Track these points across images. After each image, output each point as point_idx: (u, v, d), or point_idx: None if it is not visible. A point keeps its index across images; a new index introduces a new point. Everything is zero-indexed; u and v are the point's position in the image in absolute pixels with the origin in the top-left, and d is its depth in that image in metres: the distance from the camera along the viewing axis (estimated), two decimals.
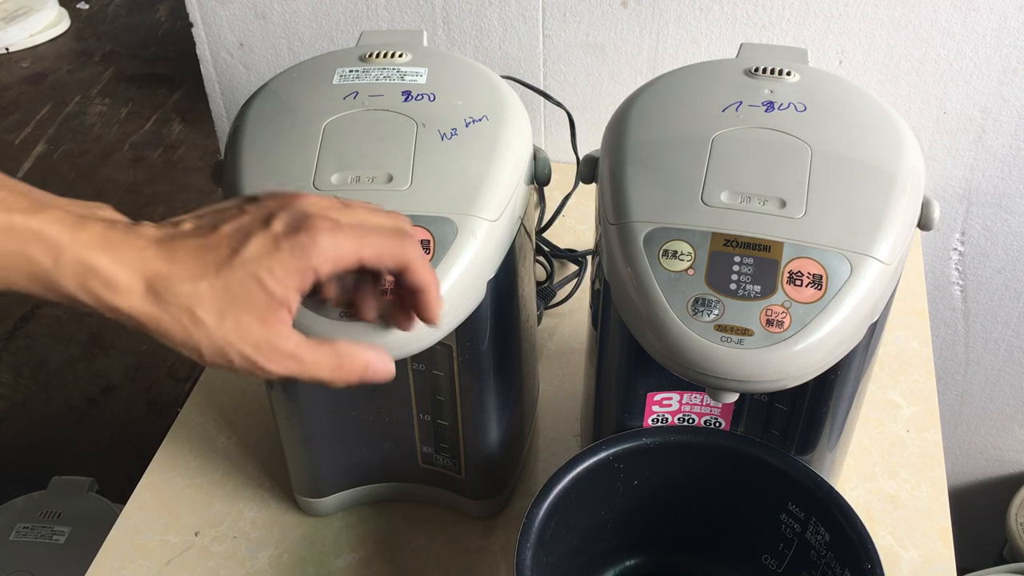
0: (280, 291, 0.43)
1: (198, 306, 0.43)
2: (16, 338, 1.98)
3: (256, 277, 0.43)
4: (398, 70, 0.61)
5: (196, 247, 0.43)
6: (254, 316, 0.43)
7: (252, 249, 0.43)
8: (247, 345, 0.44)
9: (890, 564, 0.68)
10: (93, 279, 0.42)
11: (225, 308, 0.43)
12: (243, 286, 0.43)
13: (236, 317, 0.43)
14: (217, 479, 0.75)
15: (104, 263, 0.42)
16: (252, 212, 0.45)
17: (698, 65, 0.63)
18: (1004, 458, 1.23)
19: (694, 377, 0.51)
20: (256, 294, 0.43)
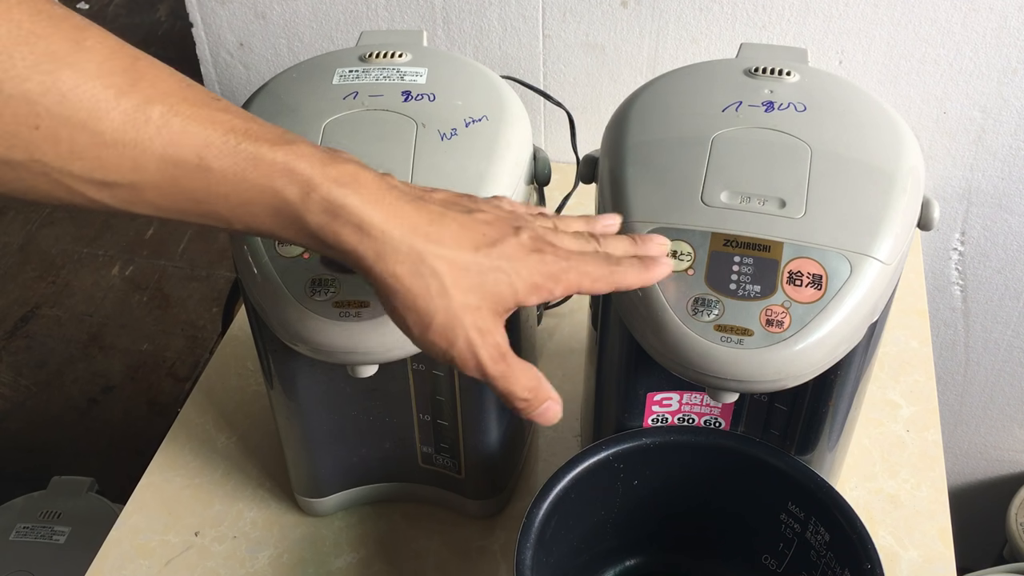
0: (522, 294, 0.44)
1: (449, 275, 0.41)
2: (16, 338, 1.98)
3: (507, 273, 0.43)
4: (398, 70, 0.61)
5: (458, 220, 0.43)
6: (491, 308, 0.43)
7: (508, 248, 0.43)
8: (476, 331, 0.43)
9: (890, 564, 0.68)
10: (343, 219, 0.40)
11: (473, 288, 0.42)
12: (495, 276, 0.43)
13: (479, 302, 0.42)
14: (217, 479, 0.75)
15: (357, 203, 0.40)
16: (495, 214, 0.45)
17: (698, 65, 0.63)
18: (1004, 458, 1.23)
19: (694, 377, 0.51)
20: (502, 288, 0.43)
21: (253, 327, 0.61)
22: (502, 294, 0.43)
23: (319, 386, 0.63)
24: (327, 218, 0.40)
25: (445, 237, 0.42)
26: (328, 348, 0.53)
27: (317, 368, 0.62)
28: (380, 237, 0.40)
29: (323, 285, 0.53)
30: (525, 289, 0.44)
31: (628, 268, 0.48)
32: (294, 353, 0.55)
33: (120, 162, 0.37)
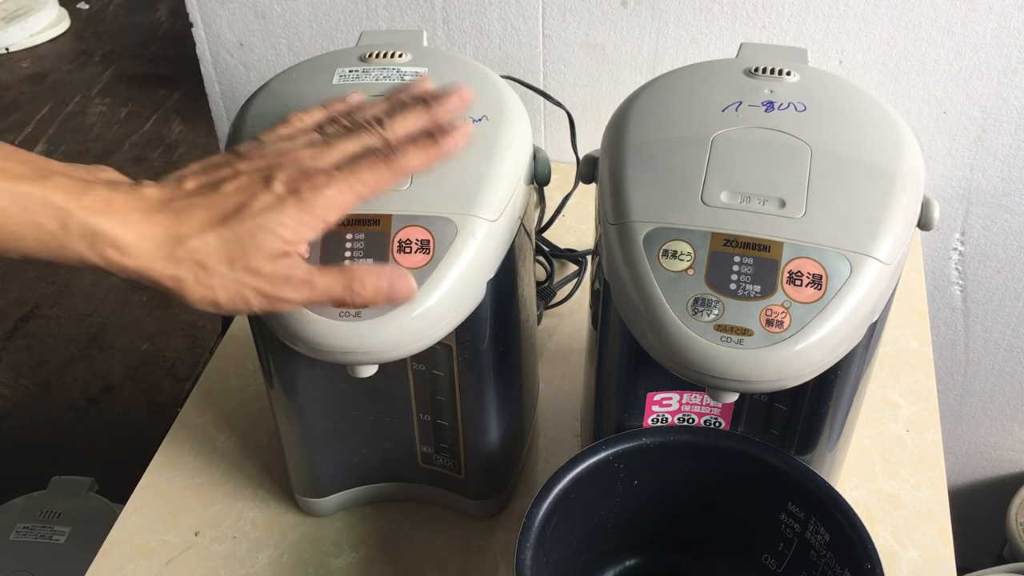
0: (293, 238, 0.46)
1: (208, 256, 0.45)
2: (16, 338, 1.98)
3: (266, 228, 0.46)
4: (398, 70, 0.61)
5: (201, 205, 0.46)
6: (263, 257, 0.46)
7: (258, 204, 0.46)
8: (261, 280, 0.46)
9: (890, 564, 0.68)
10: (102, 242, 0.44)
11: (235, 255, 0.45)
12: (252, 235, 0.45)
13: (245, 261, 0.46)
14: (217, 479, 0.75)
15: (110, 226, 0.44)
16: (248, 172, 0.47)
17: (698, 65, 0.63)
18: (1004, 458, 1.23)
19: (694, 377, 0.51)
20: (266, 239, 0.46)
21: (253, 327, 0.61)
22: (269, 246, 0.46)
23: (319, 386, 0.63)
24: (88, 243, 0.44)
25: (192, 227, 0.45)
26: (328, 348, 0.53)
27: (317, 368, 0.62)
28: (137, 251, 0.44)
29: None
30: (292, 232, 0.46)
31: (412, 154, 0.49)
32: (294, 353, 0.55)
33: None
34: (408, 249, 0.53)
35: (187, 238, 0.45)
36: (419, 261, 0.53)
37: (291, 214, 0.46)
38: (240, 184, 0.47)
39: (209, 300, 0.46)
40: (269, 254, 0.46)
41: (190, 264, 0.45)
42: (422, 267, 0.53)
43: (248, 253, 0.46)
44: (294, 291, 0.47)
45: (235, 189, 0.47)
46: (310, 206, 0.46)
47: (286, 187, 0.46)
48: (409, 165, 0.50)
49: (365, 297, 0.49)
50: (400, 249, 0.53)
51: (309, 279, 0.47)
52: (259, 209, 0.46)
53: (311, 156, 0.49)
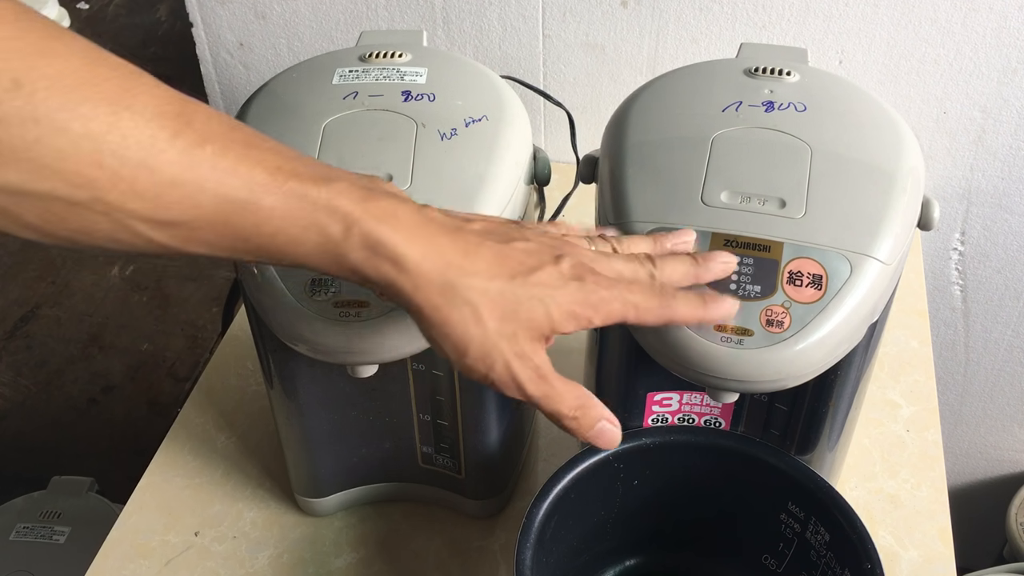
0: (559, 321, 0.44)
1: (484, 306, 0.43)
2: (16, 338, 1.98)
3: (543, 301, 0.44)
4: (398, 70, 0.61)
5: (492, 250, 0.44)
6: (528, 334, 0.44)
7: (545, 275, 0.44)
8: (514, 356, 0.44)
9: (890, 564, 0.68)
10: (382, 254, 0.42)
11: (507, 316, 0.43)
12: (530, 304, 0.44)
13: (514, 328, 0.44)
14: (217, 479, 0.75)
15: (394, 239, 0.42)
16: (537, 241, 0.46)
17: (698, 65, 0.63)
18: (1004, 458, 1.23)
19: (694, 377, 0.51)
20: (538, 315, 0.44)
21: (253, 327, 0.61)
22: (537, 321, 0.44)
23: (319, 386, 0.63)
24: (367, 253, 0.42)
25: (479, 268, 0.43)
26: (328, 348, 0.53)
27: (317, 368, 0.62)
28: (415, 271, 0.42)
29: (323, 285, 0.53)
30: (561, 317, 0.44)
31: (682, 304, 0.48)
32: (294, 353, 0.55)
33: (177, 200, 0.39)
34: None
35: (471, 275, 0.43)
36: None
37: (570, 297, 0.44)
38: (531, 248, 0.45)
39: (461, 348, 0.44)
40: (533, 334, 0.44)
41: (463, 304, 0.43)
42: None
43: (519, 321, 0.44)
44: (534, 384, 0.45)
45: (526, 251, 0.45)
46: (588, 297, 0.45)
47: (572, 270, 0.45)
48: (678, 313, 0.48)
49: (582, 428, 0.46)
50: None
51: (550, 378, 0.45)
52: (544, 280, 0.44)
53: (591, 258, 0.47)
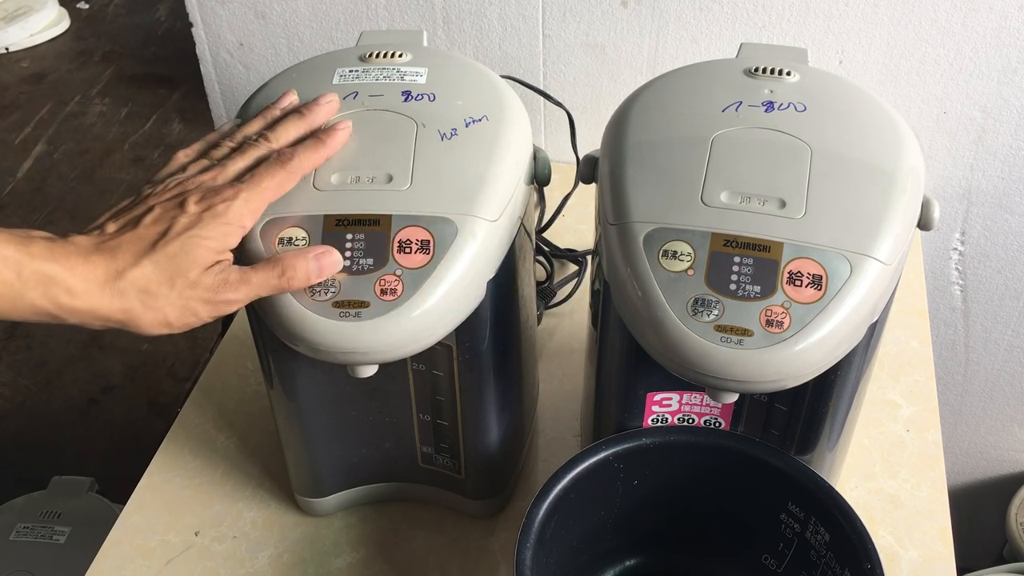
0: (217, 245, 0.50)
1: (149, 282, 0.49)
2: (16, 338, 1.98)
3: (193, 241, 0.49)
4: (398, 70, 0.61)
5: (130, 240, 0.50)
6: (198, 270, 0.50)
7: (179, 226, 0.50)
8: (202, 291, 0.50)
9: (890, 564, 0.68)
10: (54, 287, 0.47)
11: (173, 274, 0.49)
12: (183, 252, 0.49)
13: (184, 276, 0.49)
14: (217, 479, 0.75)
15: (60, 272, 0.47)
16: (162, 203, 0.51)
17: (698, 65, 0.63)
18: (1004, 458, 1.23)
19: (694, 377, 0.51)
20: (195, 252, 0.49)
21: (253, 327, 0.61)
22: (200, 258, 0.50)
23: (319, 386, 0.63)
24: (42, 290, 0.47)
25: (127, 261, 0.49)
26: (328, 348, 0.53)
27: (317, 368, 0.62)
28: (85, 293, 0.48)
29: (323, 285, 0.53)
30: (218, 242, 0.50)
31: (303, 155, 0.54)
32: (294, 353, 0.55)
33: None
34: (408, 249, 0.53)
35: (125, 270, 0.49)
36: (419, 261, 0.53)
37: (211, 226, 0.50)
38: (156, 215, 0.51)
39: (160, 322, 0.50)
40: (203, 265, 0.50)
41: (135, 293, 0.49)
42: (422, 267, 0.53)
43: (184, 269, 0.49)
44: (234, 292, 0.51)
45: (153, 220, 0.50)
46: (226, 217, 0.50)
47: (199, 206, 0.51)
48: (303, 165, 0.54)
49: (299, 279, 0.52)
50: (400, 249, 0.53)
51: (245, 277, 0.51)
52: (181, 229, 0.50)
53: (211, 178, 0.53)
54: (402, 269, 0.53)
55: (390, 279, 0.53)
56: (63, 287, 0.48)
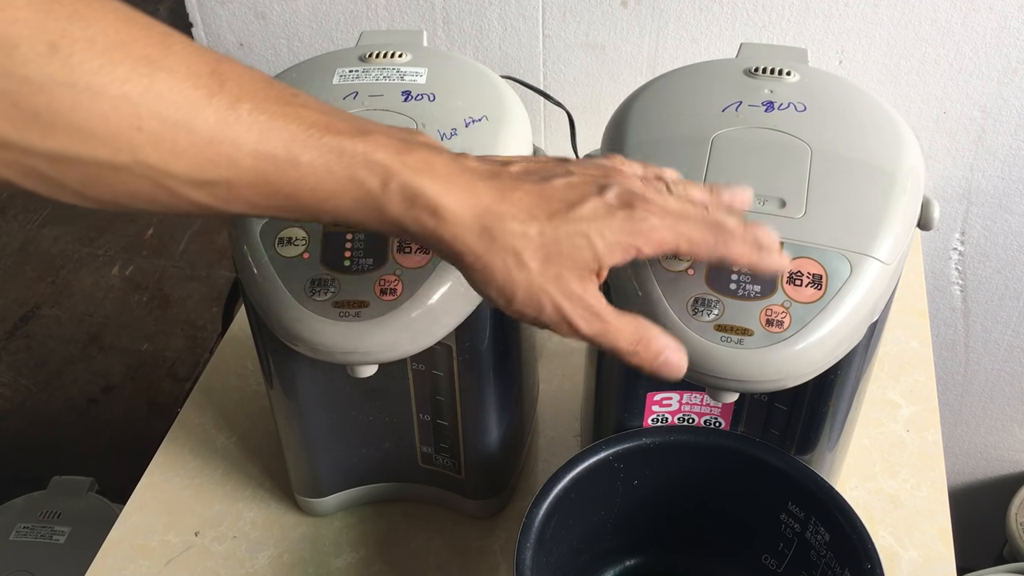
0: (605, 255, 0.43)
1: (525, 249, 0.43)
2: (16, 338, 1.98)
3: (587, 236, 0.43)
4: (398, 70, 0.61)
5: (530, 192, 0.43)
6: (574, 272, 0.43)
7: (587, 209, 0.43)
8: (563, 297, 0.43)
9: (890, 564, 0.68)
10: (420, 205, 0.41)
11: (550, 257, 0.43)
12: (572, 241, 0.43)
13: (558, 269, 0.43)
14: (217, 479, 0.75)
15: (432, 189, 0.42)
16: (581, 175, 0.45)
17: (698, 65, 0.63)
18: (1004, 458, 1.23)
19: (694, 377, 0.51)
20: (582, 251, 0.43)
21: (253, 327, 0.61)
22: (582, 258, 0.43)
23: (319, 386, 0.63)
24: (406, 205, 0.41)
25: (517, 211, 0.43)
26: (328, 348, 0.53)
27: (317, 368, 0.62)
28: (453, 220, 0.42)
29: (323, 285, 0.53)
30: (607, 249, 0.43)
31: (739, 243, 0.46)
32: (294, 353, 0.55)
33: (217, 159, 0.39)
34: (408, 249, 0.53)
35: (509, 219, 0.42)
36: (419, 261, 0.53)
37: (616, 227, 0.43)
38: (572, 182, 0.44)
39: (508, 293, 0.43)
40: (580, 271, 0.43)
41: (503, 250, 0.42)
42: (422, 267, 0.53)
43: (562, 260, 0.43)
44: (587, 323, 0.44)
45: (566, 185, 0.44)
46: (637, 226, 0.44)
47: (619, 199, 0.44)
48: (733, 250, 0.46)
49: (643, 360, 0.46)
50: (400, 249, 0.53)
51: (604, 315, 0.45)
52: (586, 214, 0.43)
53: (649, 188, 0.46)
54: (402, 269, 0.53)
55: (390, 279, 0.53)
56: (430, 206, 0.41)
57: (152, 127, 0.37)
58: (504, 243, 0.42)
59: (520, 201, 0.43)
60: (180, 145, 0.38)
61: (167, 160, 0.38)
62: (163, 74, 0.37)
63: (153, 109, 0.37)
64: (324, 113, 0.41)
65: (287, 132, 0.40)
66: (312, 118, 0.41)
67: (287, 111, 0.40)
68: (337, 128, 0.41)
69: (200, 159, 0.39)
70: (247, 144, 0.39)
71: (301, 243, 0.53)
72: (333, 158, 0.41)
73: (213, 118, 0.38)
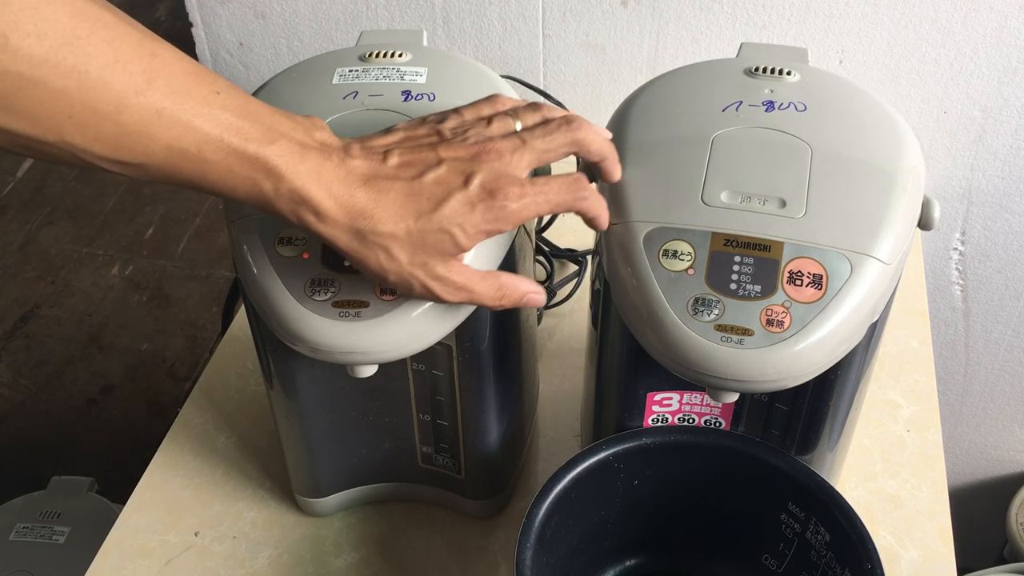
0: (466, 243, 0.49)
1: (393, 245, 0.49)
2: (16, 338, 1.98)
3: (449, 232, 0.49)
4: (398, 70, 0.61)
5: (401, 192, 0.49)
6: (438, 259, 0.49)
7: (450, 207, 0.49)
8: (430, 279, 0.50)
9: (890, 564, 0.68)
10: (304, 207, 0.47)
11: (416, 250, 0.49)
12: (436, 236, 0.49)
13: (424, 258, 0.49)
14: (217, 479, 0.75)
15: (316, 194, 0.47)
16: (450, 161, 0.50)
17: (698, 65, 0.63)
18: (1004, 458, 1.23)
19: (694, 377, 0.51)
20: (445, 244, 0.49)
21: (253, 327, 0.61)
22: (445, 248, 0.49)
23: (319, 386, 0.63)
24: (293, 206, 0.47)
25: (387, 215, 0.48)
26: (328, 348, 0.53)
27: (317, 368, 0.62)
28: (331, 222, 0.48)
29: (323, 285, 0.53)
30: (468, 239, 0.49)
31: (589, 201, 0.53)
32: (294, 353, 0.55)
33: (134, 148, 0.44)
34: None
35: (379, 222, 0.48)
36: None
37: (476, 219, 0.49)
38: (440, 175, 0.49)
39: (381, 277, 0.50)
40: (444, 257, 0.50)
41: (375, 247, 0.48)
42: None
43: (428, 251, 0.49)
44: (453, 295, 0.51)
45: (435, 180, 0.49)
46: (495, 215, 0.49)
47: (481, 189, 0.49)
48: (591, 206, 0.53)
49: (507, 304, 0.53)
50: None
51: (467, 285, 0.51)
52: (449, 212, 0.48)
53: (511, 151, 0.51)
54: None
55: None
56: (313, 209, 0.47)
57: (81, 117, 0.42)
58: (374, 241, 0.48)
59: (392, 204, 0.48)
60: (103, 133, 0.43)
61: (90, 143, 0.43)
62: (98, 70, 0.41)
63: (85, 101, 0.42)
64: (239, 115, 0.46)
65: (200, 133, 0.45)
66: (226, 121, 0.45)
67: (205, 112, 0.45)
68: (246, 134, 0.46)
69: (119, 145, 0.43)
70: (162, 140, 0.44)
71: (301, 243, 0.53)
72: (236, 161, 0.46)
73: (137, 115, 0.43)
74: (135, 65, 0.43)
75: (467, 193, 0.49)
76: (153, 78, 0.43)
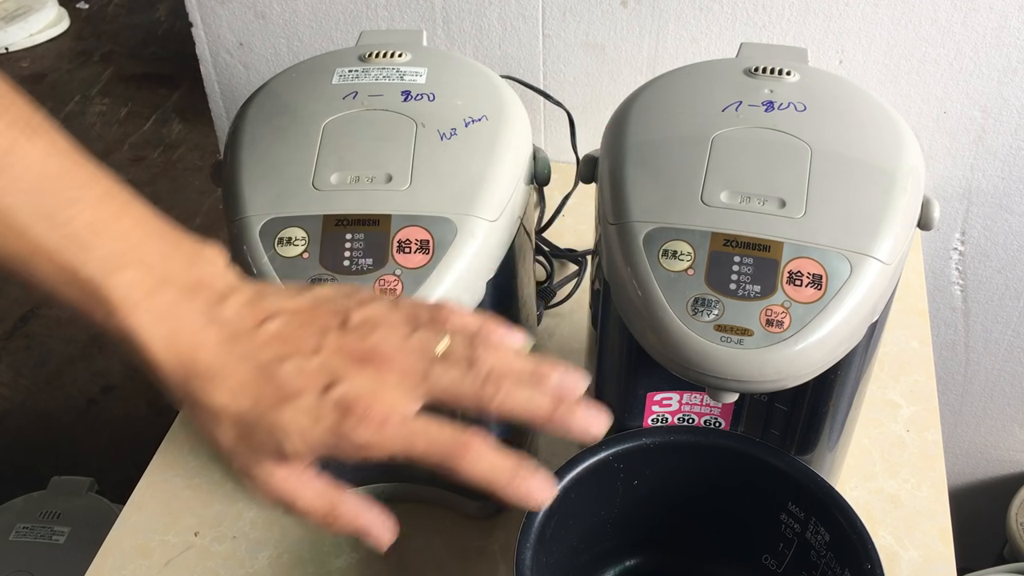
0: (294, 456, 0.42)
1: (221, 423, 0.42)
2: (16, 338, 1.98)
3: (277, 439, 0.42)
4: (398, 70, 0.61)
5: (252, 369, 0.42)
6: (262, 457, 0.43)
7: (291, 410, 0.42)
8: (246, 472, 0.43)
9: (890, 564, 0.68)
10: (132, 347, 0.42)
11: (241, 438, 0.42)
12: (264, 435, 0.42)
13: (246, 450, 0.43)
14: (217, 479, 0.75)
15: (149, 340, 0.42)
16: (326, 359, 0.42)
17: (698, 65, 0.63)
18: (1004, 458, 1.23)
19: (694, 377, 0.51)
20: (268, 447, 0.42)
21: None
22: (269, 451, 0.42)
23: None
24: (119, 339, 0.42)
25: (225, 386, 0.42)
26: None
27: None
28: (163, 372, 0.42)
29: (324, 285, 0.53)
30: (298, 452, 0.42)
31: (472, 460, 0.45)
32: None
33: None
34: (408, 249, 0.53)
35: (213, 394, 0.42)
36: (419, 261, 0.53)
37: (316, 434, 0.42)
38: (304, 368, 0.42)
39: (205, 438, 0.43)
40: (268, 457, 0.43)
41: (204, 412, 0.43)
42: (422, 267, 0.53)
43: (251, 445, 0.42)
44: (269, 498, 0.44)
45: (295, 372, 0.42)
46: (337, 440, 0.42)
47: (338, 402, 0.41)
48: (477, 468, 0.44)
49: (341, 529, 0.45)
50: (400, 249, 0.53)
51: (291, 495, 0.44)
52: (291, 414, 0.41)
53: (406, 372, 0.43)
54: (401, 269, 0.53)
55: (389, 279, 0.53)
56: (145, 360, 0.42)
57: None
58: (204, 408, 0.42)
59: (236, 378, 0.42)
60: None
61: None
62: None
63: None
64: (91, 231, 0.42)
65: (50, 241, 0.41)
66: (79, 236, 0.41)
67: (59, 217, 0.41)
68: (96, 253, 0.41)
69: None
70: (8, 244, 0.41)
71: (301, 243, 0.53)
72: (69, 279, 0.42)
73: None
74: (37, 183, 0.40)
75: (319, 402, 0.41)
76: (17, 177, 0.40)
